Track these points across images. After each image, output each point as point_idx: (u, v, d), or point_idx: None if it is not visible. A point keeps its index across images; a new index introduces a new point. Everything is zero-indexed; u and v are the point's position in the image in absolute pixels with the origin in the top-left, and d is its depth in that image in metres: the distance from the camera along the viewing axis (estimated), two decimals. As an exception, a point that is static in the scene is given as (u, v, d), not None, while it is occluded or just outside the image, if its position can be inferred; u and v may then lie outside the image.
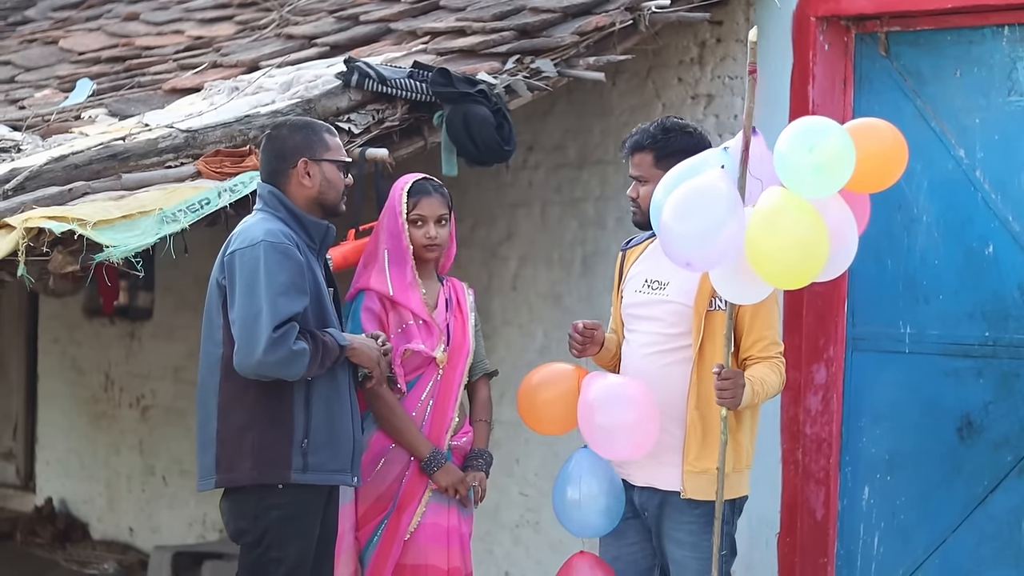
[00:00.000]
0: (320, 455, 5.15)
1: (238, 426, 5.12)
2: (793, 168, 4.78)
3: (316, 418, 5.15)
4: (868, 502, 6.50)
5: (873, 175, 4.97)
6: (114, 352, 10.31)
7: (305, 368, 5.05)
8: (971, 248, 6.24)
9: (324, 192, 5.25)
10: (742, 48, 6.78)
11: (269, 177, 5.29)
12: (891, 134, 5.02)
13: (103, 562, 9.78)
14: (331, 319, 5.24)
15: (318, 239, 5.26)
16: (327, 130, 5.34)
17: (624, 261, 5.53)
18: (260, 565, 5.16)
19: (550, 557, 7.38)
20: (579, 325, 5.36)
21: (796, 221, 4.76)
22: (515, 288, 7.73)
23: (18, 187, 5.69)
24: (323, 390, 5.18)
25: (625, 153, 5.44)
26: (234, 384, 5.11)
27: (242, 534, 5.20)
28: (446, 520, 5.59)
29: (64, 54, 8.94)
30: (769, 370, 5.21)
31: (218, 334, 5.16)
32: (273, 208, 5.24)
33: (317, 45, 7.44)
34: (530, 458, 7.57)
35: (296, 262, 5.09)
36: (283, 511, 5.13)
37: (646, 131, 5.39)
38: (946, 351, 6.30)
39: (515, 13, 6.79)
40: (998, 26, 6.20)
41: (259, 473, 5.11)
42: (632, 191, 5.42)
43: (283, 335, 4.99)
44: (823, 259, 4.81)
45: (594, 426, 5.23)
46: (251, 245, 5.10)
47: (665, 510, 5.29)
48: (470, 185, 7.56)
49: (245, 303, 5.06)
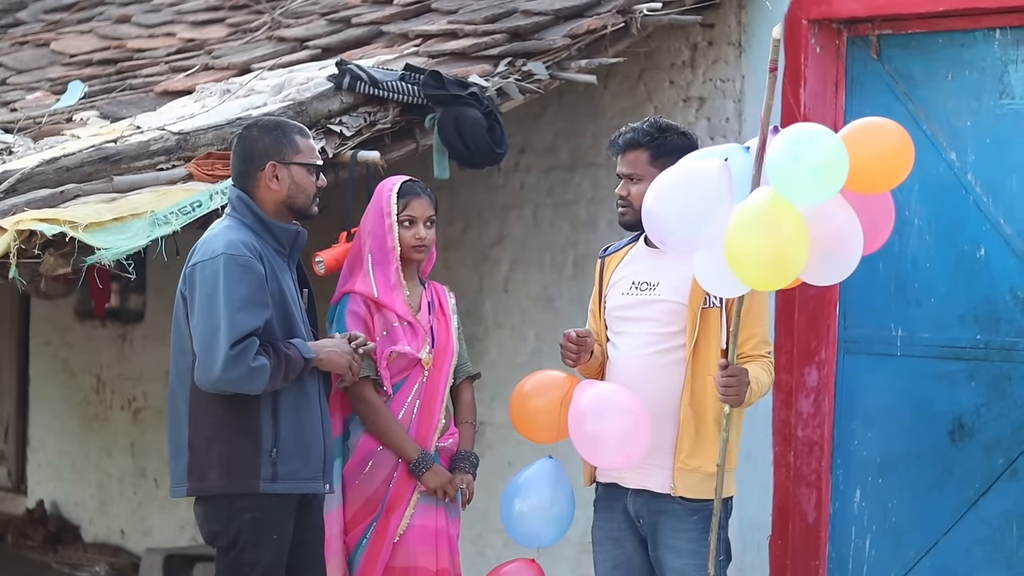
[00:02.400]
0: (290, 463, 5.13)
1: (207, 435, 5.11)
2: (781, 174, 4.76)
3: (285, 427, 5.13)
4: (860, 505, 6.51)
5: (880, 175, 4.94)
6: (106, 354, 10.30)
7: (266, 383, 5.02)
8: (963, 251, 6.25)
9: (293, 196, 5.21)
10: (734, 51, 6.79)
11: (238, 179, 5.26)
12: (898, 133, 4.99)
13: (95, 564, 9.78)
14: (298, 328, 5.19)
15: (287, 244, 5.22)
16: (299, 131, 5.28)
17: (604, 268, 5.52)
18: (236, 567, 5.16)
19: (542, 560, 7.37)
20: (571, 335, 5.32)
21: (772, 224, 4.68)
22: (507, 290, 7.73)
23: (9, 189, 5.69)
24: (291, 399, 5.15)
25: (616, 150, 5.41)
26: (203, 393, 5.08)
27: (216, 537, 5.21)
28: (434, 522, 5.59)
29: (56, 56, 8.93)
30: (761, 369, 5.21)
31: (186, 343, 5.12)
32: (240, 214, 5.20)
33: (309, 48, 7.44)
34: (522, 461, 7.53)
35: (256, 275, 5.05)
36: (255, 513, 5.12)
37: (640, 129, 5.37)
38: (938, 354, 6.30)
39: (507, 16, 6.79)
40: (990, 29, 6.20)
41: (228, 483, 5.10)
42: (623, 189, 5.38)
43: (241, 352, 4.95)
44: (797, 266, 4.74)
45: (584, 434, 5.22)
46: (212, 258, 5.06)
47: (662, 518, 5.28)
48: (461, 187, 7.56)
49: (204, 317, 5.03)
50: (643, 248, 5.41)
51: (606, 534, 5.39)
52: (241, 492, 5.10)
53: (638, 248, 5.44)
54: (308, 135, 5.31)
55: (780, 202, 4.71)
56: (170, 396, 5.23)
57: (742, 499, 5.41)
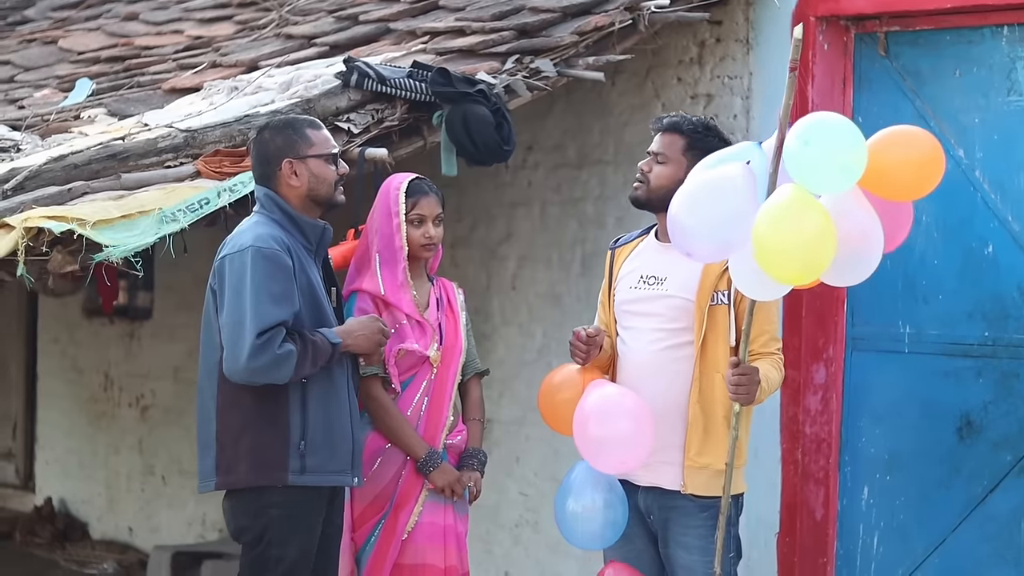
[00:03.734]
0: (318, 456, 5.15)
1: (235, 429, 5.12)
2: (796, 161, 4.72)
3: (313, 419, 5.15)
4: (867, 502, 6.50)
5: (908, 184, 4.90)
6: (113, 352, 10.31)
7: (293, 370, 5.04)
8: (970, 248, 6.24)
9: (314, 188, 5.24)
10: (741, 48, 6.79)
11: (260, 180, 5.30)
12: (930, 143, 4.95)
13: (102, 562, 9.78)
14: (328, 320, 5.23)
15: (314, 240, 5.26)
16: (310, 124, 5.31)
17: (614, 259, 5.52)
18: (261, 563, 5.16)
19: (549, 557, 7.38)
20: (581, 333, 5.31)
21: (799, 217, 4.65)
22: (514, 288, 7.73)
23: (17, 187, 5.69)
24: (320, 391, 5.17)
25: (659, 128, 5.37)
26: (231, 387, 5.10)
27: (243, 532, 5.21)
28: (442, 519, 5.59)
29: (63, 54, 8.94)
30: (771, 366, 5.21)
31: (215, 338, 5.15)
32: (269, 210, 5.24)
33: (316, 45, 7.44)
34: (530, 458, 7.57)
35: (283, 268, 5.08)
36: (283, 509, 5.13)
37: (688, 119, 5.36)
38: (945, 351, 6.29)
39: (514, 13, 6.79)
40: (997, 26, 6.20)
41: (256, 476, 5.11)
42: (646, 165, 5.35)
43: (267, 341, 4.98)
44: (827, 257, 4.71)
45: (588, 437, 5.21)
46: (240, 251, 5.10)
47: (672, 515, 5.28)
48: (469, 185, 7.56)
49: (231, 309, 5.06)
50: (653, 241, 5.41)
51: (616, 531, 5.39)
52: (269, 485, 5.10)
53: (648, 241, 5.44)
54: (320, 126, 5.34)
55: (804, 196, 4.68)
56: (198, 392, 5.24)
57: (750, 496, 5.40)
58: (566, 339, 5.41)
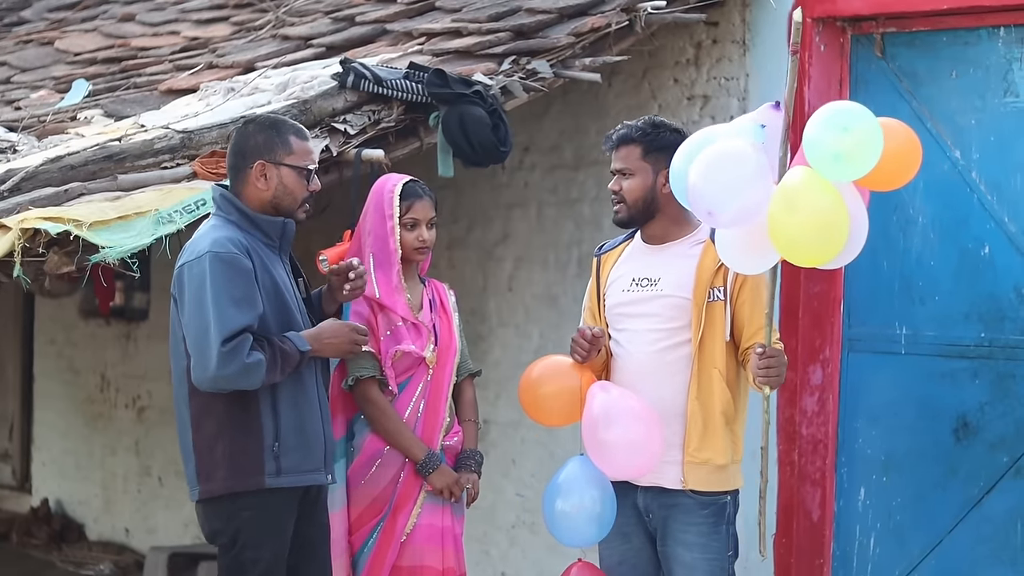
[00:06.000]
0: (292, 457, 5.13)
1: (210, 436, 5.10)
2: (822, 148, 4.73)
3: (285, 421, 5.12)
4: (864, 503, 6.51)
5: (889, 173, 4.93)
6: (110, 353, 10.30)
7: (263, 378, 5.00)
8: (967, 249, 6.25)
9: (279, 198, 5.16)
10: (738, 49, 6.79)
11: (229, 171, 5.23)
12: (905, 134, 4.98)
13: (99, 563, 9.78)
14: (295, 321, 5.18)
15: (276, 236, 5.17)
16: (295, 132, 5.21)
17: (600, 266, 5.52)
18: (237, 566, 5.15)
19: (546, 558, 7.38)
20: (587, 332, 5.29)
21: (818, 198, 4.70)
22: (511, 289, 7.73)
23: (14, 188, 5.69)
24: (289, 392, 5.14)
25: (610, 146, 5.42)
26: (202, 394, 5.08)
27: (216, 535, 5.20)
28: (440, 521, 5.59)
29: (60, 55, 8.94)
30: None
31: (181, 346, 5.13)
32: (225, 211, 5.17)
33: (313, 46, 7.44)
34: (526, 459, 7.57)
35: (243, 271, 5.02)
36: (255, 511, 5.11)
37: (634, 125, 5.38)
38: (942, 352, 6.30)
39: (511, 14, 6.79)
40: (994, 27, 6.20)
41: (234, 481, 5.09)
42: (615, 185, 5.38)
43: (234, 348, 4.94)
44: (842, 236, 4.75)
45: (598, 442, 5.21)
46: (197, 257, 5.04)
47: (672, 512, 5.28)
48: (466, 186, 7.56)
49: (194, 318, 5.03)
50: (641, 244, 5.42)
51: (614, 529, 5.38)
52: (247, 490, 5.09)
53: (635, 245, 5.45)
54: (306, 136, 5.24)
55: (820, 179, 4.71)
56: (174, 401, 5.24)
57: (746, 497, 5.41)
58: (562, 340, 5.41)
